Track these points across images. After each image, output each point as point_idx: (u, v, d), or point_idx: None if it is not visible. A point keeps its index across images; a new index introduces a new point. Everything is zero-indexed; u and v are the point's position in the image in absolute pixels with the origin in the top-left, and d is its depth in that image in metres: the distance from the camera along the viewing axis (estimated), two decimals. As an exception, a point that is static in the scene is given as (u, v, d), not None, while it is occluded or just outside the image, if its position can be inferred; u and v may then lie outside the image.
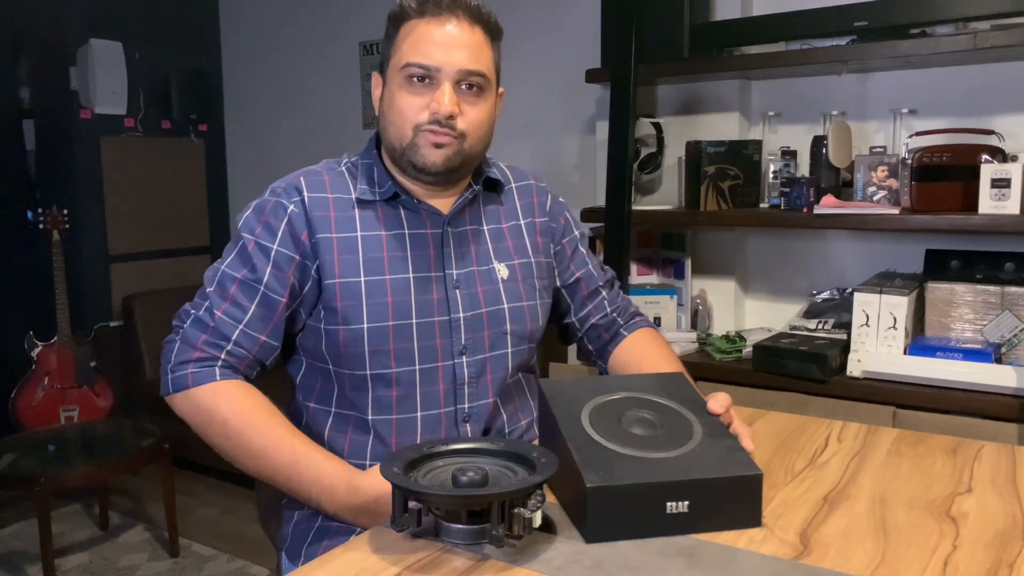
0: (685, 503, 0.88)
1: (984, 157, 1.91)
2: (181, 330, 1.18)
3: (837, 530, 0.91)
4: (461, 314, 1.21)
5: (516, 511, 0.83)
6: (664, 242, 2.58)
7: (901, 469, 1.09)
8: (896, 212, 2.00)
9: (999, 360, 1.92)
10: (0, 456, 2.59)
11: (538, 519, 0.86)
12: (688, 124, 2.50)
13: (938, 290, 2.04)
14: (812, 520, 0.93)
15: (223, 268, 1.19)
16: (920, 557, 0.84)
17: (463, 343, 1.21)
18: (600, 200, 2.48)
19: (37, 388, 3.17)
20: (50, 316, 3.20)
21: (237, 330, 1.16)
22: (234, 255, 1.19)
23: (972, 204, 1.90)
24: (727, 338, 2.32)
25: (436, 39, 1.15)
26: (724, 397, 1.05)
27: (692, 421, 1.00)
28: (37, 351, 3.18)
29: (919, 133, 2.10)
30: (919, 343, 2.01)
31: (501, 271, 1.26)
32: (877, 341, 2.02)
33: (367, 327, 1.16)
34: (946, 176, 1.96)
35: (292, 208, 1.18)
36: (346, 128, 3.57)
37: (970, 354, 1.92)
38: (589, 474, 0.87)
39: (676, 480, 0.89)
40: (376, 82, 1.24)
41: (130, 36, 3.58)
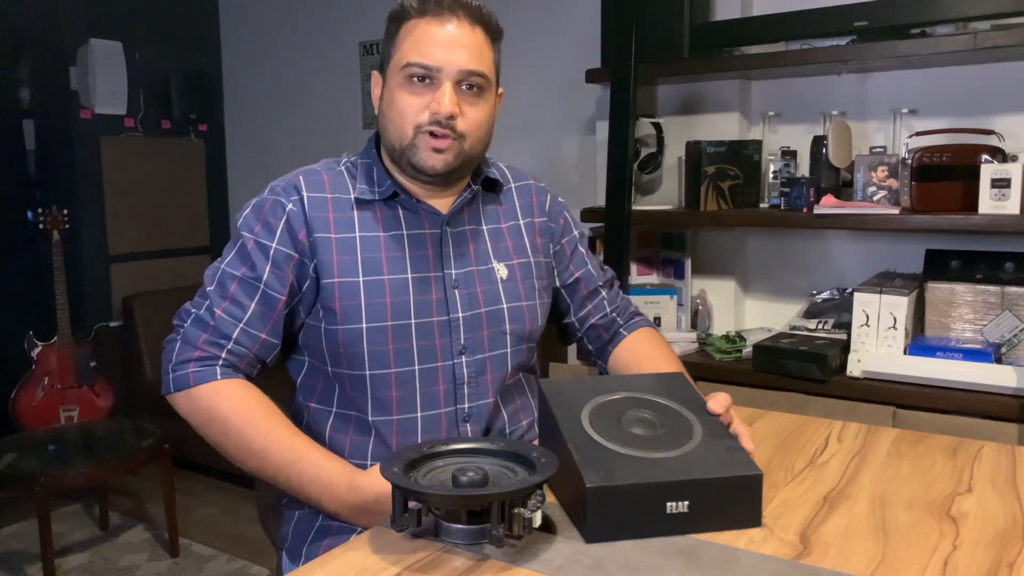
0: (685, 503, 0.88)
1: (984, 157, 1.91)
2: (182, 329, 1.18)
3: (837, 530, 0.91)
4: (460, 314, 1.21)
5: (516, 511, 0.83)
6: (664, 242, 2.58)
7: (901, 469, 1.09)
8: (896, 212, 2.00)
9: (999, 360, 1.92)
10: (0, 456, 2.60)
11: (538, 519, 0.86)
12: (688, 124, 2.50)
13: (938, 290, 2.04)
14: (812, 520, 0.93)
15: (223, 267, 1.19)
16: (920, 557, 0.84)
17: (462, 343, 1.21)
18: (600, 200, 2.48)
19: (37, 388, 3.17)
20: (50, 316, 3.20)
21: (237, 329, 1.16)
22: (233, 254, 1.20)
23: (972, 204, 1.90)
24: (727, 338, 2.32)
25: (437, 39, 1.15)
26: (724, 397, 1.05)
27: (692, 421, 1.00)
28: (37, 351, 3.18)
29: (919, 133, 2.10)
30: (919, 343, 2.01)
31: (500, 271, 1.26)
32: (877, 341, 2.02)
33: (366, 327, 1.16)
34: (946, 176, 1.96)
35: (291, 207, 1.18)
36: (346, 128, 3.57)
37: (970, 354, 1.92)
38: (589, 474, 0.87)
39: (676, 480, 0.89)
40: (376, 81, 1.24)
41: (130, 36, 3.58)
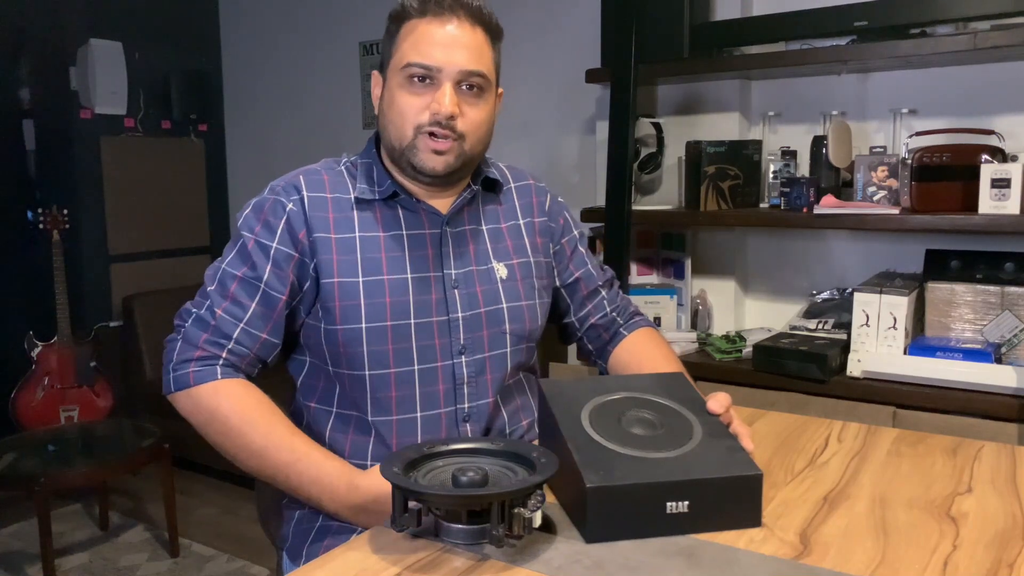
0: (685, 503, 0.88)
1: (984, 157, 1.91)
2: (183, 329, 1.18)
3: (837, 530, 0.91)
4: (460, 314, 1.21)
5: (516, 511, 0.83)
6: (664, 242, 2.58)
7: (901, 469, 1.09)
8: (896, 212, 2.00)
9: (999, 360, 1.92)
10: (0, 456, 2.60)
11: (538, 519, 0.86)
12: (688, 124, 2.50)
13: (938, 290, 2.04)
14: (812, 520, 0.93)
15: (223, 267, 1.19)
16: (920, 557, 0.84)
17: (462, 343, 1.21)
18: (600, 200, 2.48)
19: (37, 388, 3.17)
20: (50, 316, 3.20)
21: (238, 328, 1.16)
22: (234, 253, 1.20)
23: (972, 204, 1.90)
24: (727, 338, 2.32)
25: (437, 39, 1.15)
26: (724, 397, 1.05)
27: (692, 421, 1.00)
28: (37, 351, 3.18)
29: (919, 133, 2.10)
30: (919, 343, 2.01)
31: (500, 271, 1.26)
32: (877, 341, 2.02)
33: (365, 327, 1.16)
34: (946, 176, 1.96)
35: (291, 207, 1.18)
36: (346, 128, 3.57)
37: (970, 354, 1.92)
38: (589, 474, 0.87)
39: (676, 480, 0.89)
40: (376, 81, 1.24)
41: (130, 36, 3.58)
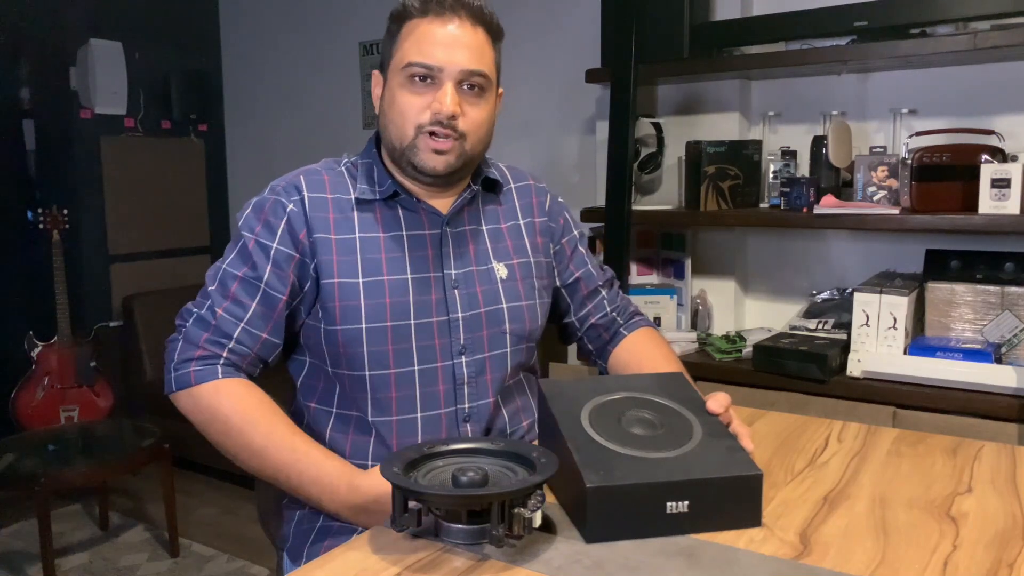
0: (685, 503, 0.88)
1: (984, 157, 1.91)
2: (184, 329, 1.18)
3: (837, 530, 0.91)
4: (460, 314, 1.21)
5: (516, 511, 0.83)
6: (664, 242, 2.58)
7: (901, 469, 1.09)
8: (896, 212, 2.00)
9: (999, 360, 1.92)
10: (0, 456, 2.60)
11: (538, 519, 0.86)
12: (688, 124, 2.50)
13: (938, 290, 2.04)
14: (812, 520, 0.93)
15: (224, 267, 1.20)
16: (920, 557, 0.84)
17: (462, 343, 1.21)
18: (600, 200, 2.48)
19: (37, 388, 3.17)
20: (50, 316, 3.20)
21: (239, 328, 1.16)
22: (235, 254, 1.20)
23: (972, 204, 1.90)
24: (727, 338, 2.32)
25: (438, 39, 1.15)
26: (724, 397, 1.05)
27: (692, 421, 1.00)
28: (37, 351, 3.18)
29: (919, 133, 2.10)
30: (919, 343, 2.01)
31: (500, 271, 1.26)
32: (877, 341, 2.02)
33: (365, 328, 1.16)
34: (946, 176, 1.96)
35: (291, 207, 1.18)
36: (346, 128, 3.57)
37: (970, 354, 1.92)
38: (589, 474, 0.87)
39: (676, 480, 0.89)
40: (376, 80, 1.24)
41: (130, 36, 3.58)
